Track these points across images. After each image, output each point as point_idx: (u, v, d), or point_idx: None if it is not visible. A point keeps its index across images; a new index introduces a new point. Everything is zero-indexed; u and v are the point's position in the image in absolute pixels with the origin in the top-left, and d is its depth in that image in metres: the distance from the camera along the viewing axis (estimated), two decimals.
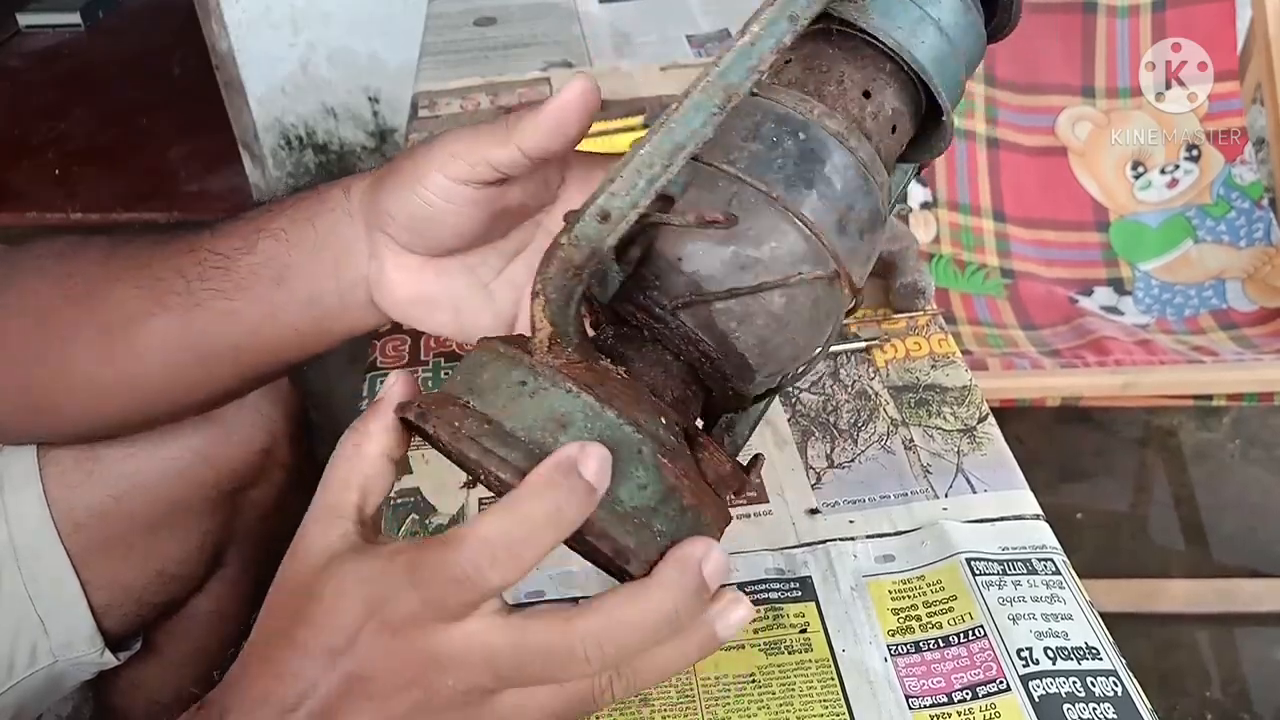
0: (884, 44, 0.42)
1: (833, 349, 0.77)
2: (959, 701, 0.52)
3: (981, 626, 0.55)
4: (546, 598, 0.59)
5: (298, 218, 0.54)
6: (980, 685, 0.53)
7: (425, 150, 0.50)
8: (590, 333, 0.43)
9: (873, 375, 0.75)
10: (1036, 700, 0.51)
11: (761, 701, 0.54)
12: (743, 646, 0.56)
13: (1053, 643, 0.54)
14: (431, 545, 0.37)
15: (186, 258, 0.56)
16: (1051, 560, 0.59)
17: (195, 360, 0.59)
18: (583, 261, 0.38)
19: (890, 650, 0.55)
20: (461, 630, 0.37)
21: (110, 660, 0.79)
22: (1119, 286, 1.46)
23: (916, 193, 1.48)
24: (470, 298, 0.54)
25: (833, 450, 0.69)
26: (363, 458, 0.41)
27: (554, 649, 0.36)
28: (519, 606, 0.38)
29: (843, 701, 0.53)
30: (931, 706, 0.52)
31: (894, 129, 0.44)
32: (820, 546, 0.62)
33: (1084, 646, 0.54)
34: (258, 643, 0.40)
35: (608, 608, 0.37)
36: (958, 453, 0.68)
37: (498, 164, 0.48)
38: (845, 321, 0.81)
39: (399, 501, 0.67)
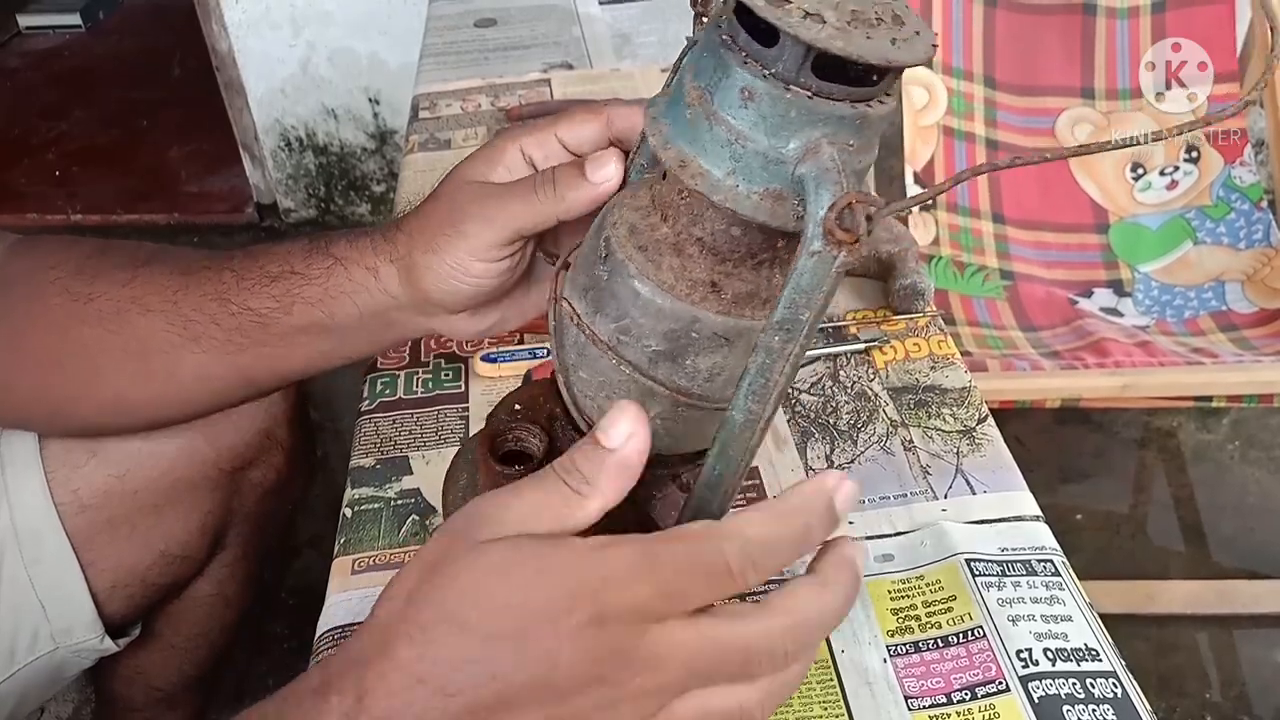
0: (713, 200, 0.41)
1: (832, 350, 0.77)
2: (958, 702, 0.52)
3: (981, 627, 0.55)
4: None
5: (332, 290, 0.57)
6: (979, 686, 0.53)
7: (455, 238, 0.54)
8: None
9: (872, 376, 0.75)
10: (1036, 701, 0.51)
11: None
12: None
13: (1052, 644, 0.54)
14: (670, 539, 0.37)
15: (216, 306, 0.58)
16: (1051, 561, 0.59)
17: (241, 385, 0.62)
18: None
19: (889, 650, 0.55)
20: (668, 629, 0.36)
21: (110, 646, 0.79)
22: (1119, 288, 1.46)
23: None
24: (522, 291, 0.59)
25: (832, 451, 0.69)
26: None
27: (754, 649, 0.37)
28: None
29: (842, 702, 0.53)
30: (931, 707, 0.52)
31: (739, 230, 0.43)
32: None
33: (1083, 648, 0.54)
34: (410, 623, 0.36)
35: (799, 605, 0.38)
36: (957, 454, 0.68)
37: (537, 229, 0.53)
38: (845, 323, 0.81)
39: (399, 502, 0.67)
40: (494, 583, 0.36)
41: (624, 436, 0.38)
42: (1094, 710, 0.51)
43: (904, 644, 0.55)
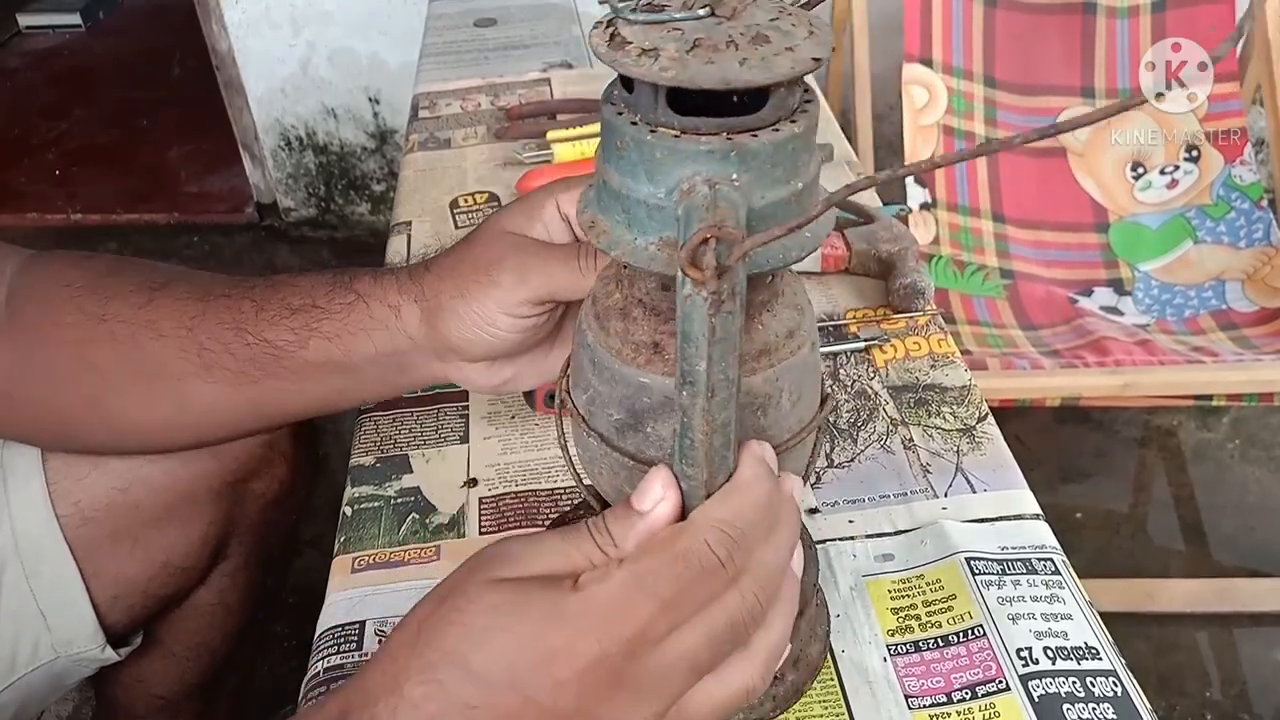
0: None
1: (832, 349, 0.77)
2: (958, 701, 0.52)
3: (981, 626, 0.55)
4: None
5: (351, 326, 0.56)
6: (980, 685, 0.53)
7: (488, 286, 0.53)
8: None
9: (872, 375, 0.75)
10: (1036, 700, 0.51)
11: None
12: None
13: (1052, 642, 0.54)
14: (648, 554, 0.37)
15: (232, 335, 0.58)
16: (1051, 560, 0.59)
17: (250, 418, 0.62)
18: None
19: (889, 650, 0.55)
20: (665, 647, 0.37)
21: (111, 656, 0.79)
22: (1119, 287, 1.46)
23: (916, 194, 1.48)
24: (543, 352, 0.58)
25: (832, 450, 0.69)
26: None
27: (737, 618, 0.38)
28: None
29: (842, 701, 0.53)
30: (931, 706, 0.52)
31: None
32: (819, 546, 0.62)
33: (1083, 646, 0.54)
34: (421, 657, 0.37)
35: (756, 561, 0.39)
36: (957, 452, 0.68)
37: (570, 297, 0.52)
38: (845, 321, 0.81)
39: (399, 501, 0.67)
40: (498, 626, 0.36)
41: (654, 501, 0.39)
42: (1094, 709, 0.51)
43: (904, 643, 0.55)
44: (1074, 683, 0.52)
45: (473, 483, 0.68)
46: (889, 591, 0.58)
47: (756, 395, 0.42)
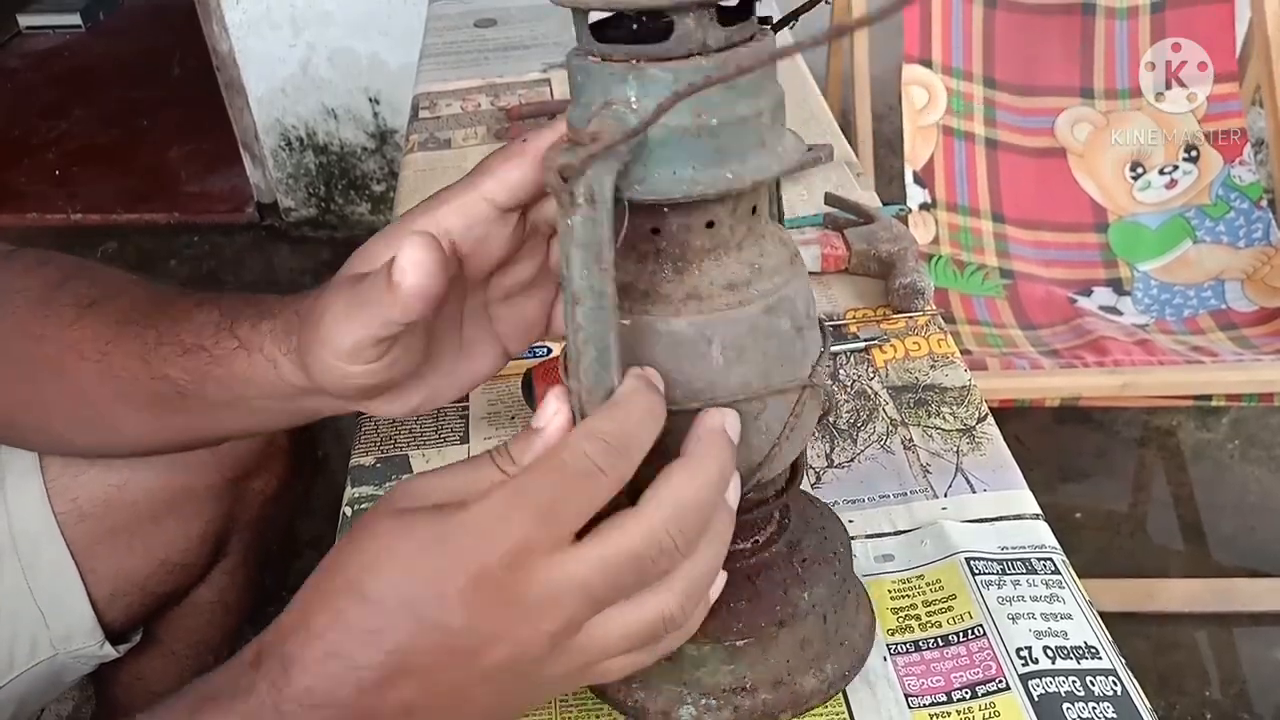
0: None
1: (833, 349, 0.77)
2: (958, 700, 0.52)
3: (981, 626, 0.55)
4: None
5: (237, 373, 0.53)
6: (979, 684, 0.53)
7: (316, 343, 0.47)
8: None
9: (872, 375, 0.76)
10: (1036, 699, 0.51)
11: None
12: None
13: (1052, 642, 0.54)
14: (530, 467, 0.37)
15: (139, 365, 0.55)
16: (1051, 560, 0.59)
17: (180, 442, 0.61)
18: None
19: (889, 649, 0.55)
20: (554, 565, 0.36)
21: (110, 653, 0.79)
22: (1118, 287, 1.46)
23: (916, 194, 1.48)
24: (449, 364, 0.52)
25: (832, 450, 0.69)
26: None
27: (642, 552, 0.37)
28: None
29: (842, 700, 0.53)
30: (931, 705, 0.52)
31: None
32: None
33: (1083, 646, 0.54)
34: (324, 591, 0.38)
35: (672, 493, 0.38)
36: (957, 452, 0.68)
37: (388, 331, 0.46)
38: (844, 321, 0.81)
39: None
40: (391, 553, 0.37)
41: (548, 417, 0.39)
42: (1094, 708, 0.51)
43: (904, 643, 0.55)
44: (1074, 682, 0.52)
45: None
46: (889, 591, 0.58)
47: (680, 340, 0.42)
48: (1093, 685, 0.52)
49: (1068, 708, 0.51)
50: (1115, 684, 0.52)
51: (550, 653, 0.38)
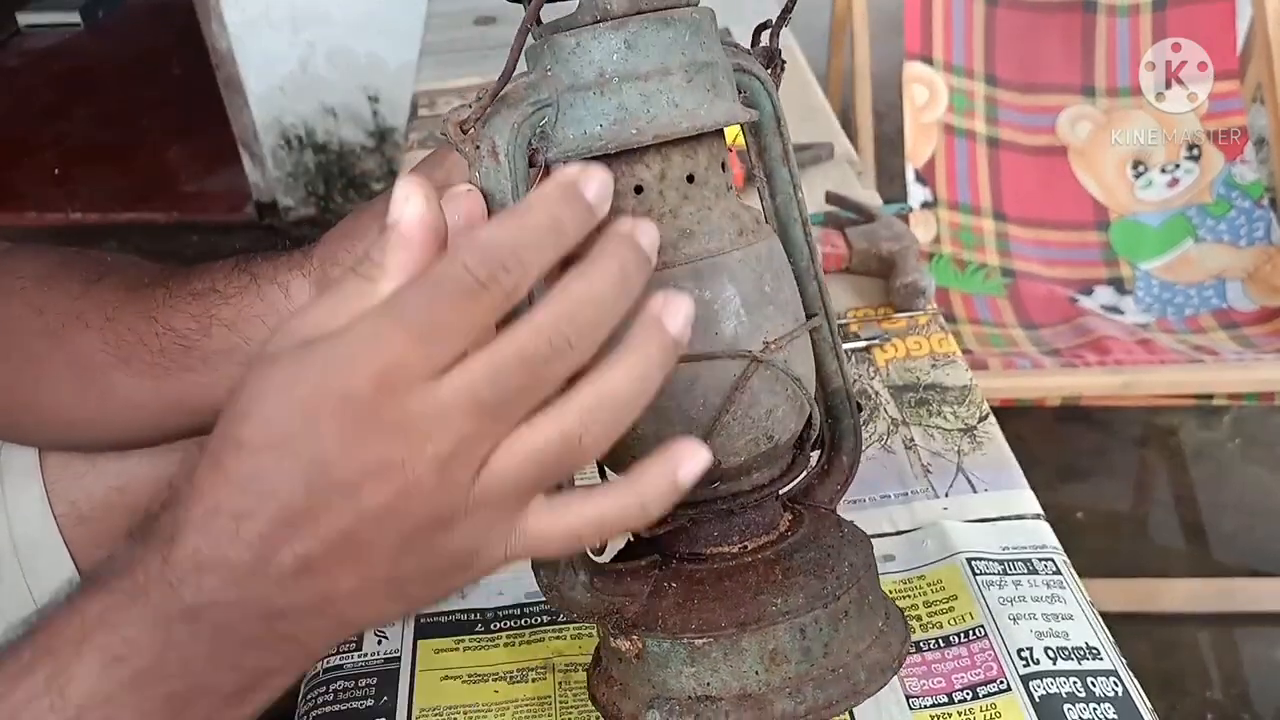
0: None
1: None
2: (959, 701, 0.52)
3: (982, 626, 0.55)
4: None
5: (245, 311, 0.54)
6: (981, 685, 0.53)
7: (352, 255, 0.49)
8: None
9: (873, 375, 0.75)
10: (1037, 700, 0.51)
11: None
12: None
13: (1053, 642, 0.54)
14: (409, 283, 0.34)
15: (145, 325, 0.56)
16: (1052, 560, 0.59)
17: (173, 415, 0.59)
18: None
19: None
20: (430, 386, 0.33)
21: None
22: (1119, 286, 1.46)
23: (917, 192, 1.47)
24: None
25: None
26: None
27: (529, 351, 0.34)
28: None
29: None
30: (932, 706, 0.52)
31: None
32: None
33: (1084, 646, 0.54)
34: (206, 453, 0.35)
35: (565, 291, 0.34)
36: (958, 452, 0.68)
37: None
38: (846, 321, 0.81)
39: None
40: (258, 395, 0.34)
41: (400, 206, 0.35)
42: (1095, 709, 0.51)
43: None
44: (1075, 683, 0.52)
45: None
46: (890, 592, 0.58)
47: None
48: (1094, 686, 0.52)
49: (1069, 709, 0.51)
50: (1116, 684, 0.52)
51: (440, 486, 0.34)
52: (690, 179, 0.42)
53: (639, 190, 0.42)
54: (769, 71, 0.46)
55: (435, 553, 0.35)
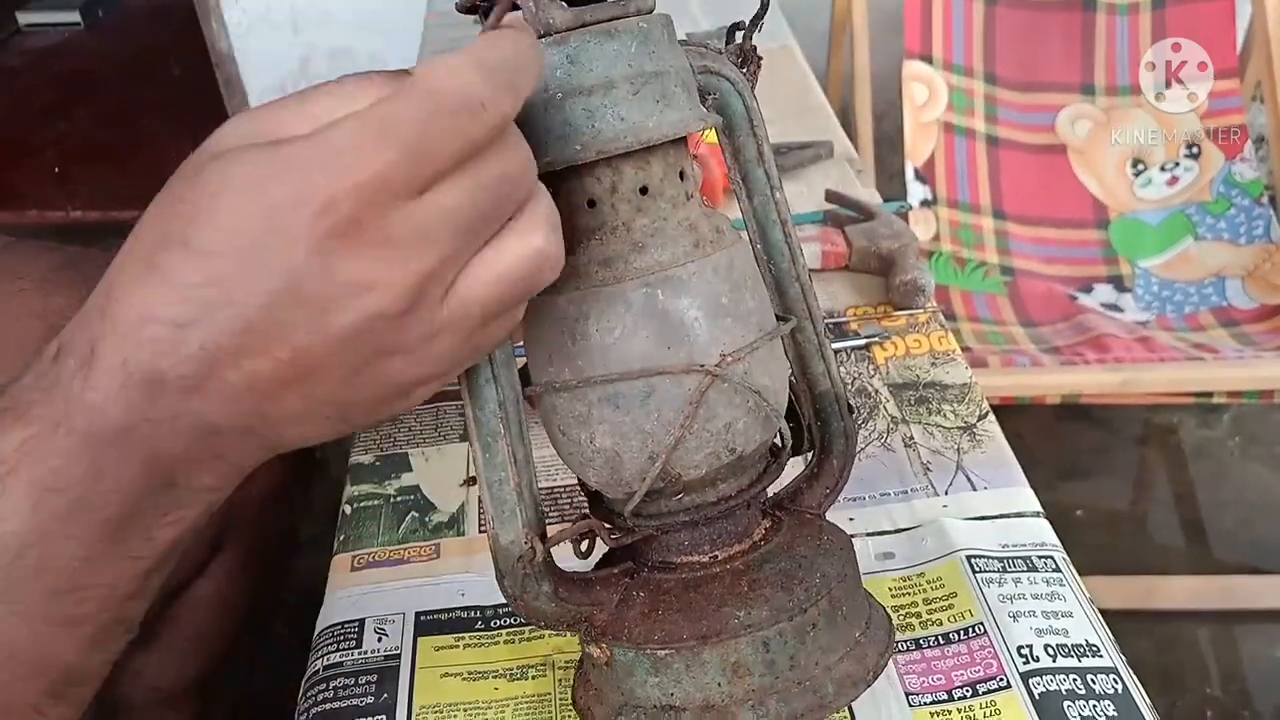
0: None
1: (833, 346, 0.77)
2: (959, 699, 0.52)
3: (982, 624, 0.55)
4: None
5: None
6: (980, 682, 0.53)
7: None
8: None
9: (872, 373, 0.75)
10: (1037, 697, 0.51)
11: None
12: None
13: (1053, 640, 0.54)
14: (403, 91, 0.31)
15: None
16: (1052, 558, 0.59)
17: None
18: None
19: None
20: (419, 205, 0.31)
21: None
22: (1119, 284, 1.46)
23: (916, 191, 1.48)
24: None
25: None
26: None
27: (511, 169, 0.33)
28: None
29: None
30: (932, 704, 0.52)
31: None
32: None
33: (1084, 644, 0.54)
34: (132, 258, 0.31)
35: (477, 46, 0.32)
36: (958, 450, 0.68)
37: None
38: (845, 319, 0.81)
39: (399, 499, 0.67)
40: (220, 194, 0.30)
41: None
42: (1095, 706, 0.51)
43: (905, 641, 0.55)
44: (1075, 680, 0.52)
45: (472, 481, 0.68)
46: (890, 590, 0.58)
47: (560, 316, 0.42)
48: (1094, 683, 0.52)
49: (1069, 706, 0.51)
50: (1116, 682, 0.52)
51: (410, 311, 0.32)
52: (644, 191, 0.42)
53: (591, 204, 0.42)
54: (743, 71, 0.45)
55: (388, 379, 0.34)
